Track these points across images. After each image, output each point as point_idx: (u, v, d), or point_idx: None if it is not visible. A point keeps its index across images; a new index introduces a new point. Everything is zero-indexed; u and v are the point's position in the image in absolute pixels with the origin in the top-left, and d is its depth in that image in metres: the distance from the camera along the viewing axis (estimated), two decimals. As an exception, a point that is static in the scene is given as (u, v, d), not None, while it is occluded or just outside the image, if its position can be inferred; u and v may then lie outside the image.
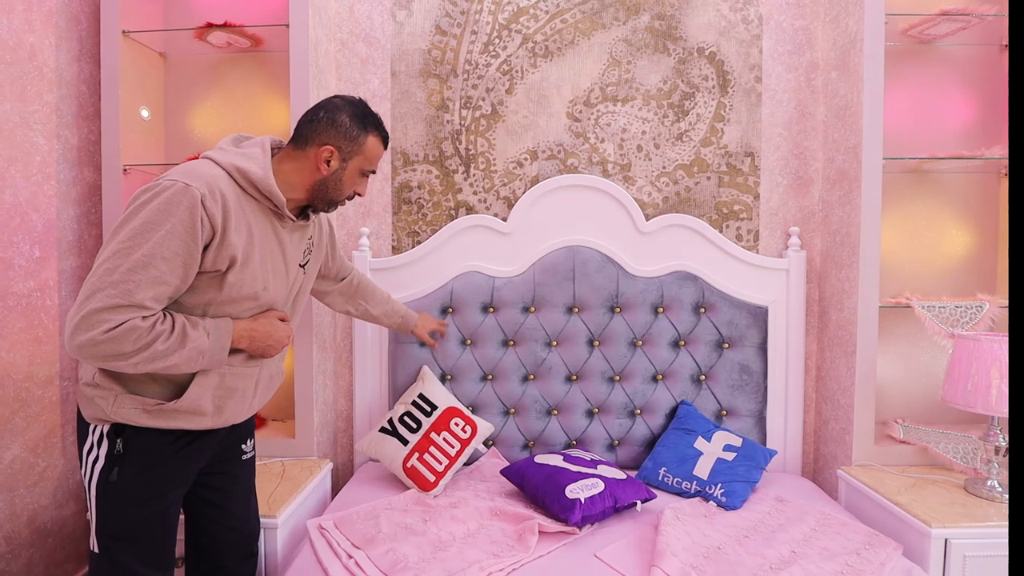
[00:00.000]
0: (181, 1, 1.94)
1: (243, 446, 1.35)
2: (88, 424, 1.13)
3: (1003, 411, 1.47)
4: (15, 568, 1.59)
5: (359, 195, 1.29)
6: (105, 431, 1.11)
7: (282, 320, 1.23)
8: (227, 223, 1.07)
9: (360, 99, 1.26)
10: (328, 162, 1.19)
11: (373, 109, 1.52)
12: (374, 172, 1.29)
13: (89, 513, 1.13)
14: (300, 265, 1.30)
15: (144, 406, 1.10)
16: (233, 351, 1.15)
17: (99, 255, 1.02)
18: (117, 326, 0.98)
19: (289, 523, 1.52)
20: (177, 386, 1.12)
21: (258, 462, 1.76)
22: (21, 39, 1.69)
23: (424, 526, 1.45)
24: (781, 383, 1.91)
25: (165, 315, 1.05)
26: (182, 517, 1.33)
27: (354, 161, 1.22)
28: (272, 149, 1.21)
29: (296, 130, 1.22)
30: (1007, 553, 1.36)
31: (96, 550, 1.12)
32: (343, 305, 1.63)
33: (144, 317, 1.01)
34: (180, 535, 1.30)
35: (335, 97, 1.25)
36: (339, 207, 1.29)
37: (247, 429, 1.37)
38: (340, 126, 1.19)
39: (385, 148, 1.29)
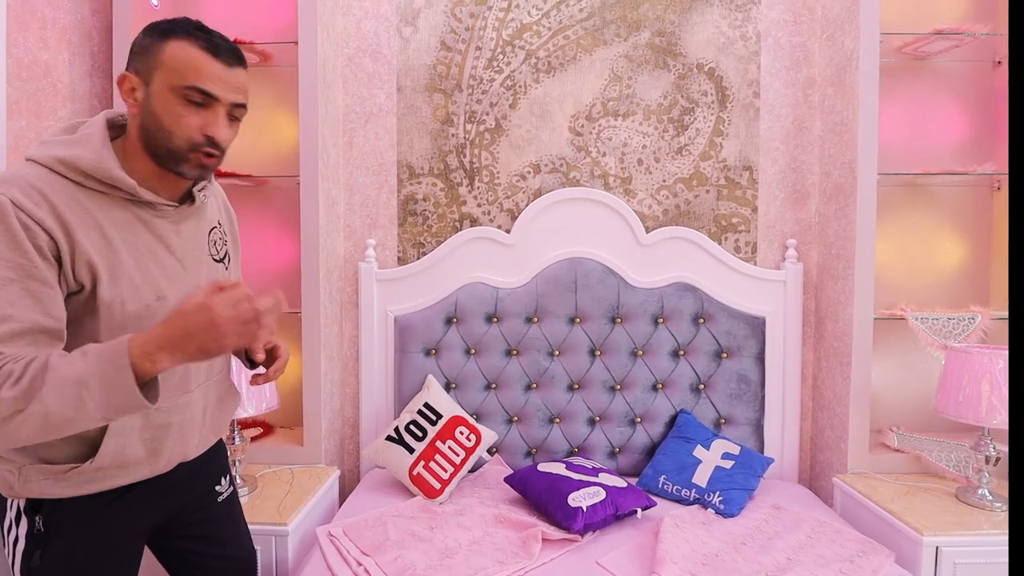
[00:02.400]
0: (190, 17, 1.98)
1: (217, 488, 1.17)
2: (4, 498, 0.92)
3: (993, 422, 1.51)
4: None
5: (213, 139, 0.90)
6: (21, 507, 0.91)
7: (223, 290, 0.81)
8: (66, 224, 0.83)
9: (183, 17, 0.93)
10: (133, 94, 0.89)
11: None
12: (210, 96, 0.89)
13: None
14: (215, 259, 1.06)
15: (55, 474, 0.88)
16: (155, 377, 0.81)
17: None
18: None
19: (299, 530, 1.56)
20: (90, 441, 0.90)
21: (267, 469, 1.80)
22: (36, 56, 1.73)
23: (431, 533, 1.49)
24: (778, 392, 1.95)
25: (22, 360, 0.76)
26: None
27: (157, 77, 0.88)
28: (118, 124, 0.95)
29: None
30: (997, 561, 1.42)
31: None
32: None
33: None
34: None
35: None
36: (194, 164, 0.91)
37: (218, 469, 1.18)
38: (133, 47, 0.91)
39: (215, 57, 0.89)
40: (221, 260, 1.08)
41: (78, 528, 0.93)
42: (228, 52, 0.92)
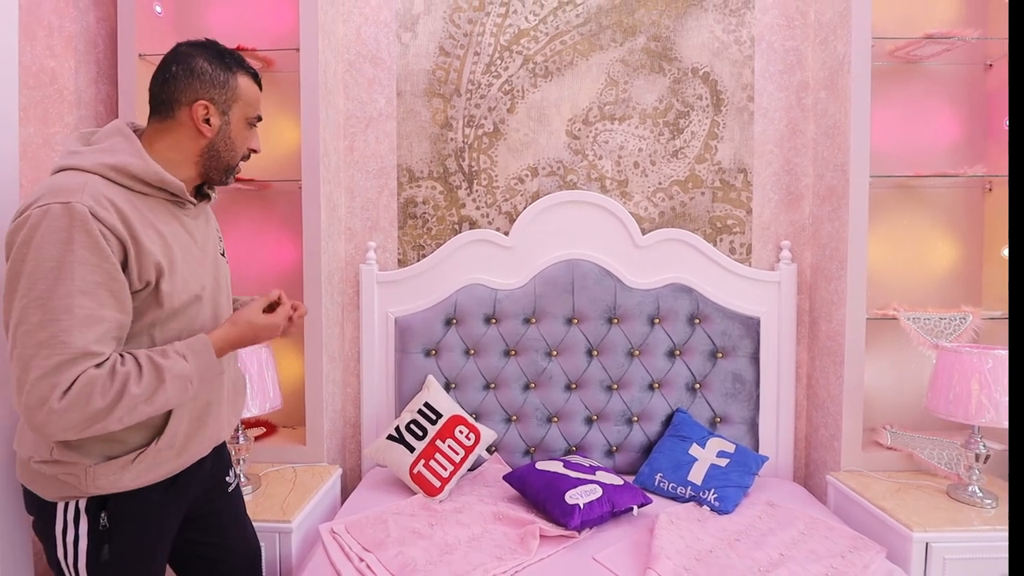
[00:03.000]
0: (193, 25, 2.02)
1: (226, 479, 1.26)
2: (52, 503, 0.99)
3: (982, 420, 1.54)
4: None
5: (254, 151, 1.10)
6: (82, 506, 0.98)
7: (265, 305, 1.09)
8: (132, 230, 0.92)
9: (208, 39, 1.06)
10: (207, 121, 1.01)
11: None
12: (260, 119, 1.10)
13: None
14: (220, 254, 1.17)
15: (123, 465, 0.97)
16: None
17: (7, 322, 0.88)
18: (71, 386, 0.85)
19: (303, 527, 1.59)
20: (154, 426, 1.01)
21: (271, 468, 1.83)
22: (43, 64, 1.77)
23: (431, 530, 1.52)
24: (773, 391, 1.98)
25: (123, 357, 0.91)
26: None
27: (235, 110, 1.04)
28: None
29: (153, 100, 1.02)
30: (987, 556, 1.45)
31: None
32: None
33: (97, 365, 0.87)
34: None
35: (178, 45, 1.04)
36: (235, 175, 1.11)
37: (226, 462, 1.28)
38: (202, 74, 1.00)
39: (259, 86, 1.09)
40: (223, 254, 1.19)
41: (138, 520, 1.02)
42: (259, 79, 1.11)
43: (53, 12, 1.77)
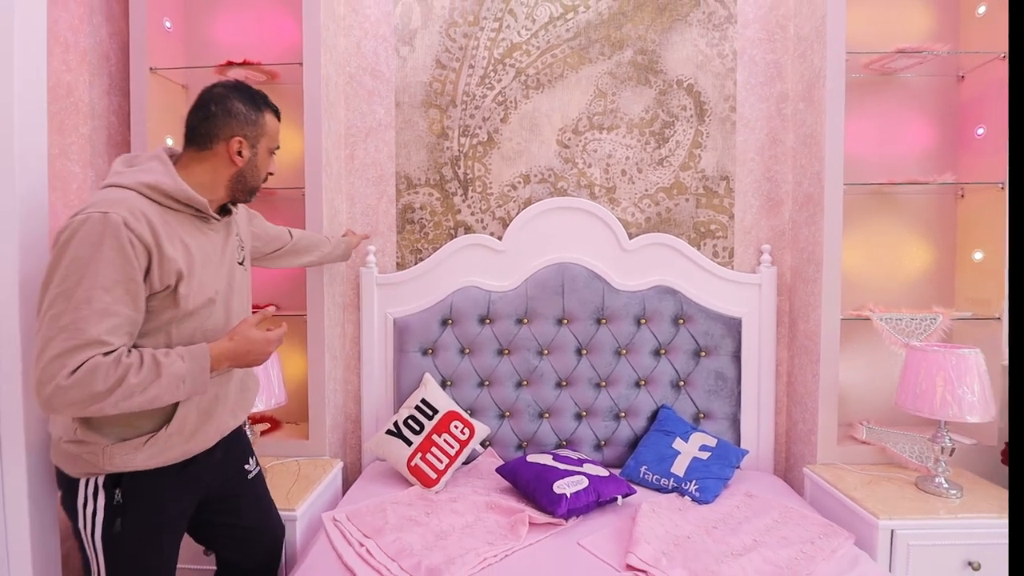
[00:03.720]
0: (202, 40, 2.11)
1: (246, 466, 1.38)
2: (75, 479, 1.10)
3: (947, 415, 1.63)
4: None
5: (271, 174, 1.29)
6: (100, 483, 1.09)
7: (260, 324, 1.20)
8: (159, 239, 1.05)
9: (240, 81, 1.24)
10: (240, 153, 1.18)
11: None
12: (278, 148, 1.29)
13: (93, 565, 1.12)
14: (239, 263, 1.30)
15: (136, 446, 1.09)
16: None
17: (40, 308, 0.99)
18: (78, 367, 0.95)
19: (306, 516, 1.69)
20: (164, 415, 1.12)
21: (276, 461, 1.93)
22: (59, 78, 1.86)
23: (427, 518, 1.62)
24: (754, 388, 2.08)
25: (129, 350, 1.02)
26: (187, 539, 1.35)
27: (262, 144, 1.23)
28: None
29: (191, 132, 1.18)
30: (948, 543, 1.55)
31: None
32: (297, 260, 1.73)
33: (105, 353, 0.98)
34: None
35: (214, 87, 1.20)
36: (256, 195, 1.29)
37: (247, 448, 1.41)
38: (238, 115, 1.18)
39: (279, 121, 1.28)
40: (241, 263, 1.33)
41: (149, 498, 1.13)
42: (279, 113, 1.29)
43: (69, 29, 1.86)
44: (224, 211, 1.26)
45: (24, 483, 1.19)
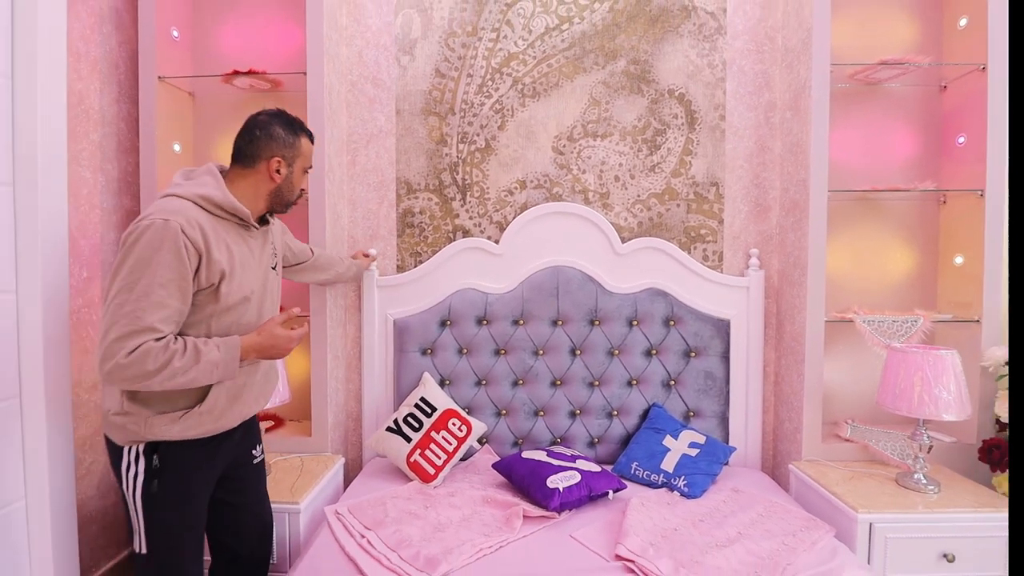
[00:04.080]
0: (208, 49, 2.18)
1: (253, 451, 1.53)
2: (121, 447, 1.27)
3: (924, 414, 1.70)
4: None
5: (304, 191, 1.47)
6: (141, 450, 1.27)
7: (285, 323, 1.37)
8: (208, 244, 1.22)
9: (280, 109, 1.42)
10: (278, 171, 1.36)
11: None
12: (311, 168, 1.49)
13: (135, 521, 1.28)
14: (271, 268, 1.47)
15: (173, 420, 1.25)
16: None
17: (107, 295, 1.17)
18: (135, 349, 1.13)
19: (309, 509, 1.76)
20: (198, 395, 1.29)
21: (280, 457, 2.00)
22: (71, 86, 1.92)
23: (425, 512, 1.68)
24: (742, 388, 2.15)
25: (176, 338, 1.19)
26: None
27: (297, 163, 1.40)
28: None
29: (238, 152, 1.37)
30: (924, 536, 1.62)
31: (144, 551, 1.27)
32: (315, 276, 1.89)
33: (157, 339, 1.15)
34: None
35: (259, 115, 1.39)
36: (292, 207, 1.48)
37: (256, 435, 1.55)
38: (278, 138, 1.36)
39: (313, 144, 1.47)
40: (274, 268, 1.50)
41: (181, 466, 1.29)
42: (313, 137, 1.47)
43: (80, 39, 1.92)
44: (263, 221, 1.44)
45: (46, 473, 1.26)
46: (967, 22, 2.01)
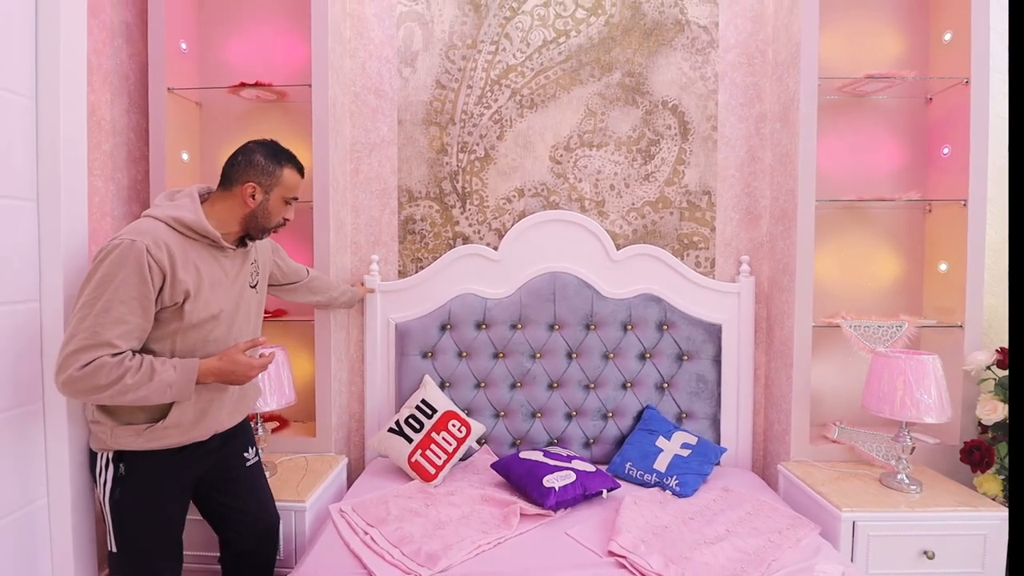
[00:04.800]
0: (215, 61, 2.24)
1: (245, 455, 1.58)
2: (96, 453, 1.35)
3: (905, 416, 1.77)
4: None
5: (287, 220, 1.48)
6: (109, 457, 1.33)
7: (250, 348, 1.42)
8: (174, 264, 1.26)
9: (271, 140, 1.47)
10: (253, 196, 1.39)
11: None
12: (296, 199, 1.48)
13: (107, 522, 1.35)
14: (251, 287, 1.51)
15: (136, 432, 1.30)
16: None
17: (73, 308, 1.22)
18: (89, 363, 1.16)
19: (314, 508, 1.82)
20: (161, 410, 1.33)
21: (285, 457, 2.07)
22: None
23: (426, 510, 1.75)
24: (733, 390, 2.21)
25: (134, 354, 1.23)
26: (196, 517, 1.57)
27: (275, 192, 1.42)
28: (201, 195, 1.43)
29: (223, 175, 1.42)
30: (905, 534, 1.68)
31: (114, 550, 1.35)
32: (308, 297, 1.92)
33: (113, 355, 1.19)
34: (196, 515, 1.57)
35: (249, 142, 1.44)
36: (272, 233, 1.50)
37: (247, 439, 1.60)
38: (257, 165, 1.40)
39: (302, 177, 1.48)
40: (254, 286, 1.53)
41: (146, 475, 1.34)
42: (303, 171, 1.50)
43: (92, 52, 1.98)
44: (241, 243, 1.47)
45: (67, 473, 1.34)
46: (951, 37, 2.08)
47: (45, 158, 1.31)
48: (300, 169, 1.49)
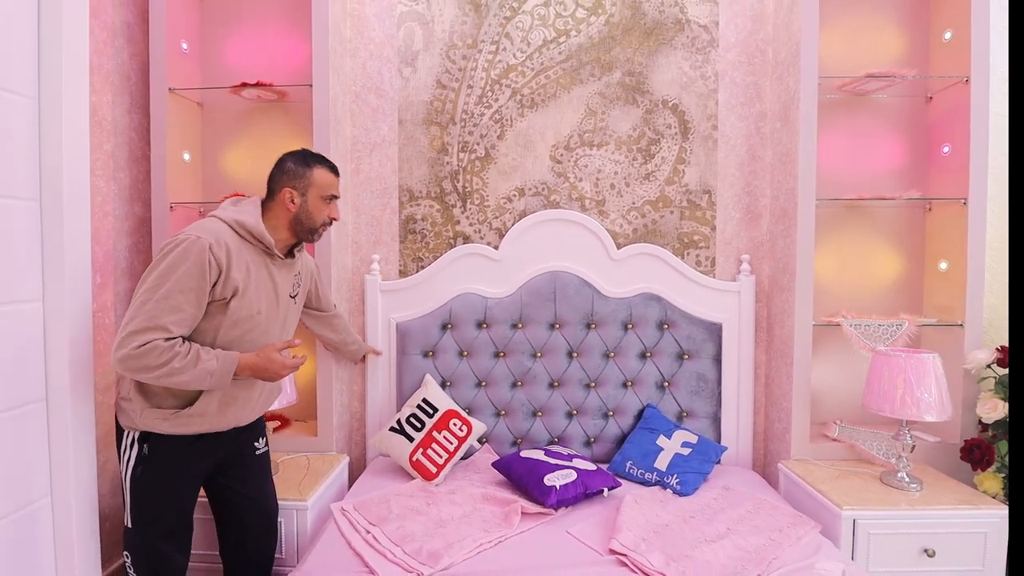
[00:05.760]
0: (216, 61, 2.25)
1: (255, 444, 1.65)
2: (123, 430, 1.44)
3: (906, 415, 1.77)
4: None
5: (334, 219, 1.57)
6: (135, 436, 1.41)
7: (285, 349, 1.48)
8: (230, 264, 1.37)
9: (303, 148, 1.57)
10: (292, 200, 1.50)
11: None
12: (336, 196, 1.57)
13: (125, 498, 1.44)
14: (291, 296, 1.60)
15: (163, 416, 1.39)
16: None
17: (136, 293, 1.32)
18: (144, 344, 1.27)
19: (316, 506, 1.83)
20: (189, 398, 1.42)
21: (286, 456, 2.07)
22: (86, 99, 1.99)
23: (427, 508, 1.76)
24: (734, 389, 2.21)
25: (184, 341, 1.33)
26: (203, 499, 1.62)
27: (311, 193, 1.52)
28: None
29: (267, 189, 1.53)
30: (905, 532, 1.69)
31: (129, 525, 1.43)
32: (321, 330, 1.99)
33: (166, 339, 1.29)
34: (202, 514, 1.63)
35: (283, 154, 1.55)
36: (321, 233, 1.58)
37: (259, 430, 1.67)
38: (288, 171, 1.51)
39: (335, 175, 1.57)
40: (294, 296, 1.63)
41: (168, 456, 1.43)
42: (337, 170, 1.60)
43: (94, 53, 1.98)
44: (290, 254, 1.57)
45: (71, 472, 1.34)
46: (951, 36, 2.08)
47: (47, 158, 1.32)
48: (332, 168, 1.57)
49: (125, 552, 1.45)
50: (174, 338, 1.31)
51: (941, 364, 1.78)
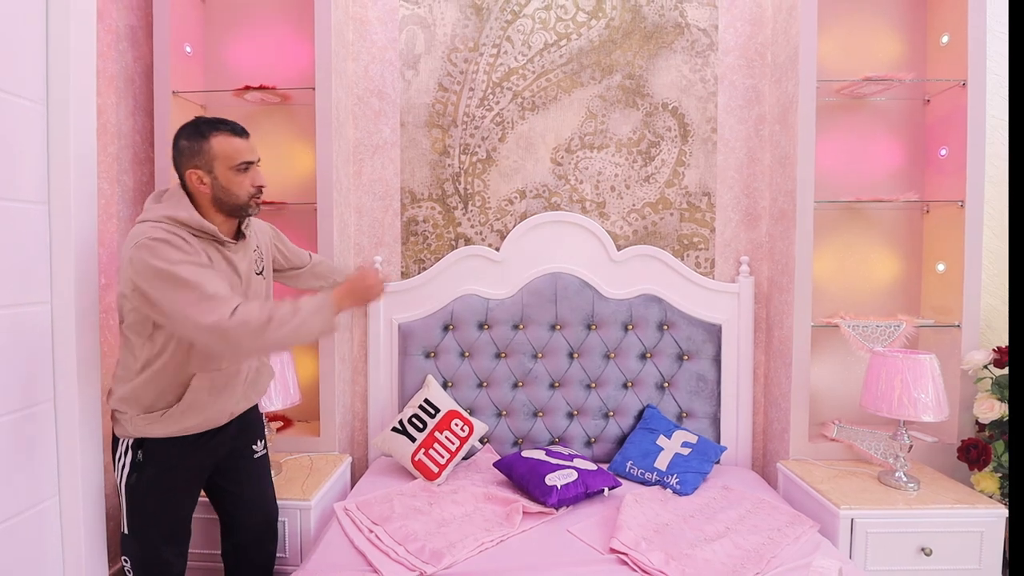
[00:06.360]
0: (220, 64, 2.26)
1: (254, 447, 1.61)
2: (118, 438, 1.39)
3: (903, 415, 1.79)
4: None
5: (260, 187, 1.37)
6: (130, 444, 1.37)
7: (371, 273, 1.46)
8: (195, 248, 1.26)
9: (195, 117, 1.36)
10: (202, 181, 1.31)
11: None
12: (250, 162, 1.35)
13: (121, 504, 1.40)
14: (256, 273, 1.49)
15: (156, 418, 1.34)
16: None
17: (166, 315, 1.20)
18: (234, 311, 1.17)
19: (319, 506, 1.84)
20: (177, 394, 1.35)
21: (289, 456, 2.09)
22: (91, 102, 2.01)
23: (430, 508, 1.77)
24: (733, 389, 2.23)
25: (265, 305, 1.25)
26: (204, 500, 1.61)
27: (217, 167, 1.31)
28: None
29: (177, 175, 1.37)
30: (903, 531, 1.71)
31: (126, 531, 1.40)
32: (312, 283, 1.80)
33: (239, 305, 1.20)
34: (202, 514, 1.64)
35: (176, 131, 1.36)
36: (255, 206, 1.40)
37: (257, 432, 1.63)
38: (185, 151, 1.32)
39: (240, 136, 1.34)
40: (260, 272, 1.52)
41: (163, 461, 1.38)
42: (243, 131, 1.38)
43: (98, 56, 1.98)
44: (239, 235, 1.45)
45: (79, 472, 1.36)
46: (949, 39, 2.09)
47: (56, 162, 1.33)
48: (234, 130, 1.35)
49: (124, 557, 1.43)
50: (239, 302, 1.21)
51: (938, 365, 1.80)
